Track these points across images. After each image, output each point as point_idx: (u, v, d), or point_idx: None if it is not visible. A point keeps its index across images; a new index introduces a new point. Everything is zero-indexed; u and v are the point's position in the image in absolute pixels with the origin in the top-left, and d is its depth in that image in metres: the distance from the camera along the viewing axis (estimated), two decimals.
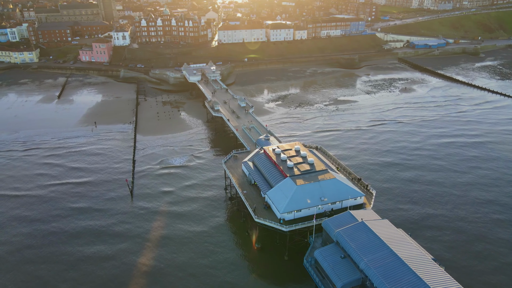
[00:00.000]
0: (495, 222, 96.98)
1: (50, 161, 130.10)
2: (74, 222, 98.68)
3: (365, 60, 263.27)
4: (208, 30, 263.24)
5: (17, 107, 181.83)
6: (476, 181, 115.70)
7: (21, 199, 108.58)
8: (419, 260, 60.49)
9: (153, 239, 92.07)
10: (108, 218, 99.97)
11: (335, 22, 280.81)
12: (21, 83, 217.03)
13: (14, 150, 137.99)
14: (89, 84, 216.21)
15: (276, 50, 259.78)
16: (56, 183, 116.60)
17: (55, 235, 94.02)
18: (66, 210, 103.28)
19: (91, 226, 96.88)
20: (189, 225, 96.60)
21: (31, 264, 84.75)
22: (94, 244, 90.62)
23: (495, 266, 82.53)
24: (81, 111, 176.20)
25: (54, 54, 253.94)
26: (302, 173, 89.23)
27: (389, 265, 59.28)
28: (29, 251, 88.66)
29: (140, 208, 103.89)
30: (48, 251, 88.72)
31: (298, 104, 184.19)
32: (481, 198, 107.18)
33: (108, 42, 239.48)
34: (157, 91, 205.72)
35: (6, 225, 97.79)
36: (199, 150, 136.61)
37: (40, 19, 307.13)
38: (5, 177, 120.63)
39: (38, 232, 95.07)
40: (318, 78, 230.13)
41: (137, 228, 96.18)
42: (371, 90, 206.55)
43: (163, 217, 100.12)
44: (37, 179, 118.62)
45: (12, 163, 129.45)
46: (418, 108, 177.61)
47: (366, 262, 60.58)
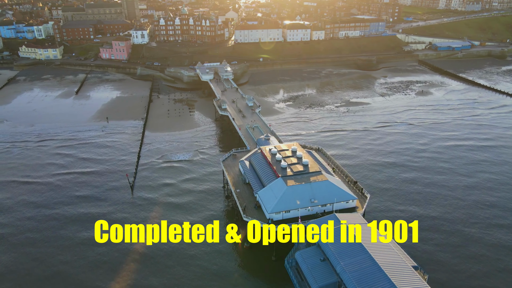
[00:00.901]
0: (492, 226, 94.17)
1: (61, 151, 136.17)
2: (74, 209, 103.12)
3: (383, 62, 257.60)
4: (225, 30, 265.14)
5: (37, 101, 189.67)
6: (479, 185, 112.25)
7: (30, 186, 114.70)
8: (398, 267, 58.82)
9: (147, 228, 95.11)
10: (108, 207, 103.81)
11: (354, 23, 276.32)
12: (44, 79, 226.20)
13: (29, 141, 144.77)
14: (107, 81, 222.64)
15: (292, 51, 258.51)
16: (64, 172, 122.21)
17: (56, 220, 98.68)
18: (69, 198, 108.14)
19: (90, 213, 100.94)
20: (184, 217, 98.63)
21: (29, 246, 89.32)
22: (90, 230, 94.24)
23: (486, 271, 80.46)
24: (95, 106, 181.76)
25: (76, 51, 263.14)
26: (294, 174, 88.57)
27: (365, 270, 57.99)
28: (30, 234, 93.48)
29: (139, 199, 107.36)
30: (47, 234, 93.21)
31: (309, 105, 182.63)
32: (481, 201, 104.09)
33: (127, 40, 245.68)
34: (170, 89, 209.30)
35: (13, 209, 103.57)
36: (203, 147, 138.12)
37: (66, 17, 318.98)
38: (19, 165, 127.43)
39: (41, 217, 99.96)
40: (332, 79, 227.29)
41: (133, 217, 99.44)
42: (386, 92, 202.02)
43: (160, 208, 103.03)
44: (47, 168, 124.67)
45: (26, 152, 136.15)
46: (431, 111, 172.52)
47: (343, 265, 59.52)
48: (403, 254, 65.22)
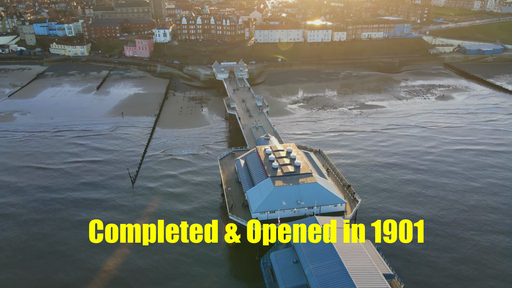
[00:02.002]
0: (487, 232, 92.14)
1: (75, 141, 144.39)
2: (78, 194, 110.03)
3: (406, 65, 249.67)
4: (246, 30, 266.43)
5: (60, 95, 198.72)
6: (482, 189, 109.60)
7: (43, 171, 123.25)
8: (366, 273, 57.19)
9: (143, 214, 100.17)
10: (108, 193, 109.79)
11: (378, 24, 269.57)
12: (69, 74, 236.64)
13: (47, 131, 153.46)
14: (128, 78, 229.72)
15: (312, 51, 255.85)
16: (75, 160, 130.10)
17: (59, 203, 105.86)
18: (75, 184, 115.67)
19: (91, 198, 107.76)
20: (178, 206, 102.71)
21: (33, 225, 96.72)
22: (89, 213, 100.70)
23: (471, 274, 79.09)
24: (113, 102, 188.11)
25: (103, 48, 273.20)
26: (284, 174, 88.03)
27: (332, 275, 56.82)
28: (35, 214, 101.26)
29: (140, 187, 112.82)
30: (49, 216, 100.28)
31: (322, 107, 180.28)
32: (480, 206, 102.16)
33: (149, 39, 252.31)
34: (187, 87, 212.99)
35: (24, 191, 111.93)
36: (208, 144, 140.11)
37: (97, 16, 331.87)
38: (35, 152, 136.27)
39: (47, 199, 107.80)
40: (350, 81, 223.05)
41: (131, 203, 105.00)
42: (404, 96, 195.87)
43: (157, 197, 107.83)
44: (61, 156, 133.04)
45: (42, 141, 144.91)
46: (446, 115, 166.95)
47: (311, 269, 58.62)
48: (378, 259, 63.40)
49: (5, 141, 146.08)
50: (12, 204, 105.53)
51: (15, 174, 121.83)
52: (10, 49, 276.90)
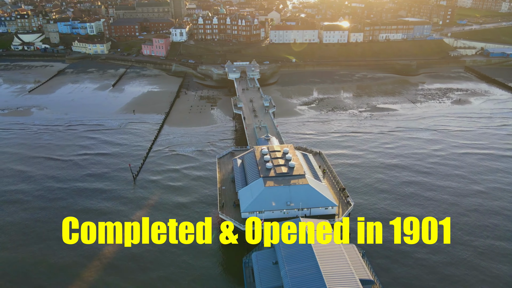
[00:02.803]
0: (481, 235, 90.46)
1: (86, 135, 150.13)
2: (83, 184, 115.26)
3: (425, 67, 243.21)
4: (261, 30, 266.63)
5: (77, 92, 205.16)
6: (483, 193, 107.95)
7: (54, 162, 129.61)
8: (342, 278, 56.27)
9: (142, 205, 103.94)
10: (112, 184, 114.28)
11: (396, 25, 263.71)
12: (88, 72, 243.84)
13: (60, 125, 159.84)
14: (143, 76, 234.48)
15: (328, 52, 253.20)
16: (84, 152, 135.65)
17: (64, 192, 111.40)
18: (82, 174, 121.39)
19: (94, 188, 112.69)
20: (175, 198, 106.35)
21: (37, 211, 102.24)
22: (90, 201, 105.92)
23: (462, 279, 77.89)
24: (126, 99, 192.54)
25: (122, 47, 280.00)
26: (276, 175, 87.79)
27: (306, 277, 56.26)
28: (41, 201, 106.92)
29: (142, 180, 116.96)
30: (52, 204, 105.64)
31: (331, 108, 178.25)
32: (478, 210, 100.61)
33: (166, 38, 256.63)
34: (199, 86, 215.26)
35: (34, 180, 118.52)
36: (212, 143, 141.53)
37: (118, 15, 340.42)
38: (48, 144, 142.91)
39: (54, 188, 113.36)
40: (364, 83, 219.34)
41: (131, 194, 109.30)
42: (419, 99, 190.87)
43: (158, 189, 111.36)
44: (71, 148, 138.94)
45: (55, 134, 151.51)
46: (458, 118, 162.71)
47: (286, 270, 58.27)
48: (359, 264, 62.30)
49: (21, 134, 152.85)
50: (21, 191, 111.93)
51: (27, 163, 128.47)
52: (35, 47, 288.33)
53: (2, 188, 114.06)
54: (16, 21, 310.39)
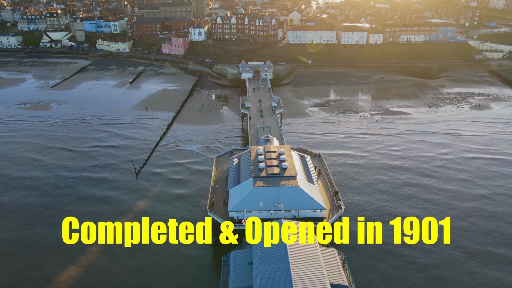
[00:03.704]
0: (477, 241, 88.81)
1: (99, 128, 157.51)
2: (91, 173, 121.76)
3: (446, 71, 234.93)
4: (279, 30, 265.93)
5: (96, 88, 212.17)
6: (485, 197, 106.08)
7: (67, 152, 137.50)
8: (312, 281, 55.60)
9: (142, 195, 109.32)
10: (117, 175, 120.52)
11: (418, 27, 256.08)
12: (109, 69, 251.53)
13: (75, 119, 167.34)
14: (161, 74, 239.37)
15: (345, 54, 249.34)
16: (95, 144, 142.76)
17: (72, 180, 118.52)
18: (91, 164, 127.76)
19: (100, 177, 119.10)
20: (176, 191, 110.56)
21: (46, 196, 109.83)
22: (94, 190, 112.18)
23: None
24: (141, 96, 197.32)
25: (143, 45, 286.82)
26: (267, 176, 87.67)
27: (276, 279, 55.95)
28: (50, 188, 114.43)
29: (146, 172, 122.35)
30: (60, 191, 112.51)
31: (343, 111, 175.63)
32: (476, 214, 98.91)
33: (185, 37, 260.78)
34: (213, 85, 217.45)
35: (47, 168, 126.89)
36: (217, 141, 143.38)
37: (142, 14, 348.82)
38: (63, 136, 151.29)
39: (63, 176, 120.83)
40: (381, 86, 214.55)
41: (133, 185, 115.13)
42: (436, 103, 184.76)
43: (159, 182, 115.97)
44: (83, 140, 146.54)
45: (71, 127, 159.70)
46: (472, 123, 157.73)
47: (258, 271, 58.19)
48: (335, 269, 61.38)
49: (39, 126, 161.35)
50: (34, 178, 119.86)
51: (42, 153, 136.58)
52: (62, 44, 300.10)
53: (16, 175, 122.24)
54: (46, 20, 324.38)
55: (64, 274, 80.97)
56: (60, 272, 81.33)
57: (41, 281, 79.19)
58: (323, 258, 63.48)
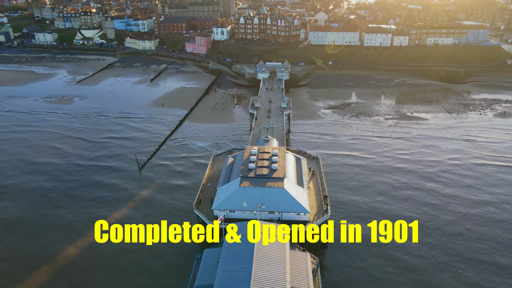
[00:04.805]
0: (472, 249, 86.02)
1: (115, 121, 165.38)
2: (103, 163, 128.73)
3: (475, 75, 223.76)
4: (302, 31, 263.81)
5: (118, 85, 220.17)
6: (490, 206, 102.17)
7: (83, 142, 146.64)
8: (271, 284, 55.26)
9: (144, 184, 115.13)
10: (125, 164, 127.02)
11: (447, 29, 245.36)
12: (133, 66, 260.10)
13: (94, 113, 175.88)
14: (182, 72, 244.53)
15: (368, 56, 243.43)
16: (110, 136, 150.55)
17: (85, 167, 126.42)
18: (103, 153, 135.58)
19: (110, 166, 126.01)
20: (177, 182, 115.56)
21: (59, 181, 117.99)
22: (102, 177, 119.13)
23: None
24: (159, 93, 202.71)
25: (168, 44, 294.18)
26: (255, 176, 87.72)
27: (235, 279, 56.05)
28: (64, 173, 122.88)
29: (151, 163, 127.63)
30: (71, 177, 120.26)
31: (356, 114, 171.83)
32: (478, 221, 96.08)
33: (208, 36, 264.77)
34: (231, 84, 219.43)
35: (64, 156, 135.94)
36: (224, 138, 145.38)
37: (171, 13, 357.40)
38: (81, 127, 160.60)
39: (77, 162, 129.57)
40: (401, 90, 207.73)
41: (138, 174, 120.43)
42: (457, 109, 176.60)
43: (163, 173, 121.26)
44: (99, 132, 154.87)
45: (89, 119, 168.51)
46: (491, 130, 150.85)
47: (220, 270, 58.56)
48: (303, 274, 60.67)
49: (61, 117, 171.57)
50: (52, 164, 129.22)
51: (61, 141, 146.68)
52: (94, 42, 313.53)
53: (34, 160, 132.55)
54: (80, 18, 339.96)
55: (63, 252, 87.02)
56: (60, 250, 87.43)
57: (41, 257, 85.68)
58: (292, 261, 62.93)
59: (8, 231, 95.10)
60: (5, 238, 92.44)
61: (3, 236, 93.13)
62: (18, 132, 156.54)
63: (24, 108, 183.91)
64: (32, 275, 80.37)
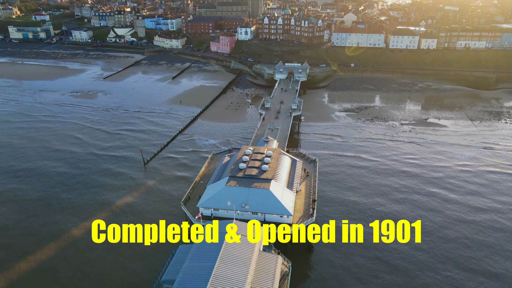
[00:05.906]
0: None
1: (133, 115, 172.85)
2: (114, 152, 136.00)
3: (507, 82, 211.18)
4: (326, 32, 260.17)
5: (141, 82, 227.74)
6: (494, 213, 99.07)
7: (101, 133, 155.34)
8: (230, 284, 55.64)
9: (150, 175, 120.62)
10: (135, 155, 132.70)
11: (479, 32, 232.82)
12: (159, 64, 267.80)
13: (115, 107, 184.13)
14: (204, 71, 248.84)
15: (392, 59, 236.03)
16: (127, 128, 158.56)
17: (97, 155, 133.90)
18: (118, 143, 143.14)
19: (122, 156, 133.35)
20: (181, 173, 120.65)
21: (75, 168, 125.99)
22: (112, 165, 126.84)
23: None
24: (178, 91, 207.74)
25: (194, 43, 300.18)
26: (243, 176, 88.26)
27: (195, 277, 56.87)
28: (79, 161, 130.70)
29: (161, 156, 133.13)
30: (84, 164, 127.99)
31: (371, 118, 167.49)
32: (480, 230, 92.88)
33: (231, 36, 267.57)
34: (249, 84, 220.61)
35: (84, 145, 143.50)
36: (231, 136, 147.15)
37: (200, 13, 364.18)
38: (101, 119, 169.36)
39: (92, 151, 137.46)
40: (424, 94, 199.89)
41: (146, 165, 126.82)
42: (481, 116, 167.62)
43: (170, 162, 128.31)
44: (117, 124, 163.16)
45: (110, 113, 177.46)
46: (508, 137, 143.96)
47: (184, 267, 59.69)
48: (269, 276, 60.67)
49: (83, 110, 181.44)
50: (71, 152, 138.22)
51: (82, 132, 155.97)
52: (125, 40, 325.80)
53: (56, 147, 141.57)
54: (114, 17, 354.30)
55: (65, 232, 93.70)
56: (62, 231, 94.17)
57: (44, 234, 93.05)
58: (259, 263, 62.99)
59: (20, 209, 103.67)
60: (15, 216, 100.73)
61: (14, 214, 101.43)
62: (45, 122, 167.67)
63: (53, 101, 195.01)
64: (32, 251, 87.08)
